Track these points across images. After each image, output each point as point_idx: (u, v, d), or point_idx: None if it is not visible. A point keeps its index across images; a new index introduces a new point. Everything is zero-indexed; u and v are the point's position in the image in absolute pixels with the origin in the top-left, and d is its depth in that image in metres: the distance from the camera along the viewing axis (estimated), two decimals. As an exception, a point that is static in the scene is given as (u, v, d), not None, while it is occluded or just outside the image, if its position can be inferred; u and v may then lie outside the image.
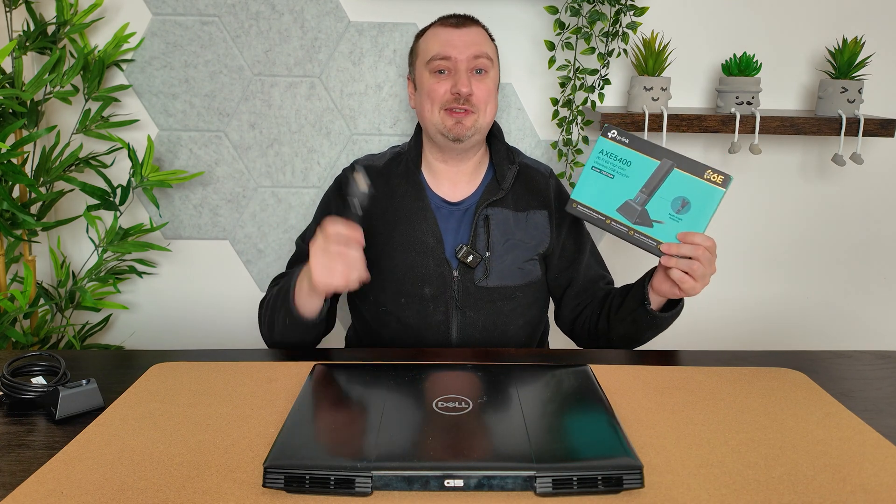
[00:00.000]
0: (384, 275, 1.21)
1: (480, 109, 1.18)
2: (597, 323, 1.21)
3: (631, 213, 1.06)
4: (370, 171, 1.26)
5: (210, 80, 1.56)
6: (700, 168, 1.03)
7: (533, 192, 1.25)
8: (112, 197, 1.48)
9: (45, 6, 1.50)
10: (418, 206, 1.21)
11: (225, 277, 1.68)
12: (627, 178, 1.07)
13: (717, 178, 1.02)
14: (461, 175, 1.26)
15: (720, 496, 0.67)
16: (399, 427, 0.73)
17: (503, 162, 1.25)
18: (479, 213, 1.20)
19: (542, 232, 1.23)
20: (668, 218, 1.05)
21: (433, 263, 1.19)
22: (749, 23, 1.55)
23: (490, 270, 1.19)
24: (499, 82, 1.26)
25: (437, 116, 1.19)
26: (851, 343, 1.74)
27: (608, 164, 1.08)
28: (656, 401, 0.87)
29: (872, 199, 1.66)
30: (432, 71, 1.20)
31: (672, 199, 1.04)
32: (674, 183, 1.04)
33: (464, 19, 1.23)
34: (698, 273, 1.01)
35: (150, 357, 1.01)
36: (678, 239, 1.03)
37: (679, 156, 1.04)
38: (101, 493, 0.67)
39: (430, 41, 1.21)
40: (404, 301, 1.21)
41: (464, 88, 1.16)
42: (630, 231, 1.06)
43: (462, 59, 1.17)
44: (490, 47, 1.23)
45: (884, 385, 0.95)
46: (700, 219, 1.03)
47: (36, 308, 1.46)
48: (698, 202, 1.03)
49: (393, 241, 1.21)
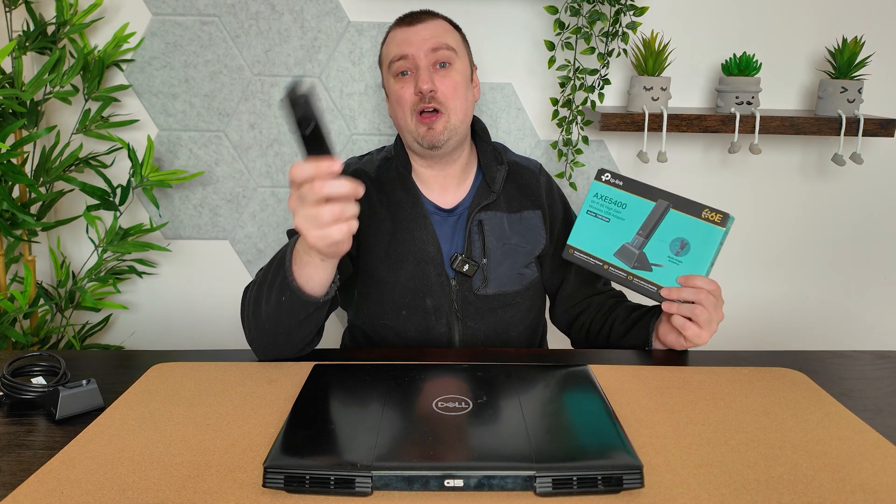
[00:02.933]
0: (383, 287, 1.16)
1: (449, 107, 1.11)
2: (596, 337, 1.19)
3: (629, 258, 1.03)
4: (364, 176, 1.20)
5: (210, 80, 1.56)
6: (697, 208, 1.00)
7: (525, 192, 1.21)
8: (112, 197, 1.48)
9: (44, 6, 1.50)
10: (416, 213, 1.16)
11: (225, 277, 1.68)
12: (623, 220, 1.04)
13: (715, 218, 0.99)
14: (449, 179, 1.21)
15: (720, 496, 0.67)
16: (399, 427, 0.73)
17: (491, 163, 1.21)
18: (473, 219, 1.16)
19: (538, 233, 1.20)
20: (668, 261, 1.01)
21: (434, 273, 1.15)
22: (749, 23, 1.55)
23: (488, 278, 1.16)
24: (471, 73, 1.19)
25: (410, 124, 1.13)
26: (851, 343, 1.74)
27: (603, 207, 1.06)
28: (656, 401, 0.87)
29: (872, 199, 1.66)
30: (395, 74, 1.14)
31: (671, 240, 1.01)
32: (671, 224, 1.01)
33: (419, 15, 1.16)
34: (702, 319, 0.96)
35: (150, 357, 1.01)
36: (679, 283, 0.99)
37: (675, 196, 1.01)
38: (101, 493, 0.67)
39: (389, 44, 1.16)
40: (405, 314, 1.16)
41: (424, 85, 1.09)
42: (629, 276, 1.03)
43: (420, 55, 1.11)
44: (452, 38, 1.15)
45: (884, 385, 0.95)
46: (701, 260, 0.99)
47: (36, 308, 1.46)
48: (698, 243, 1.00)
49: (392, 251, 1.16)
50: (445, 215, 1.19)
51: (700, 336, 0.98)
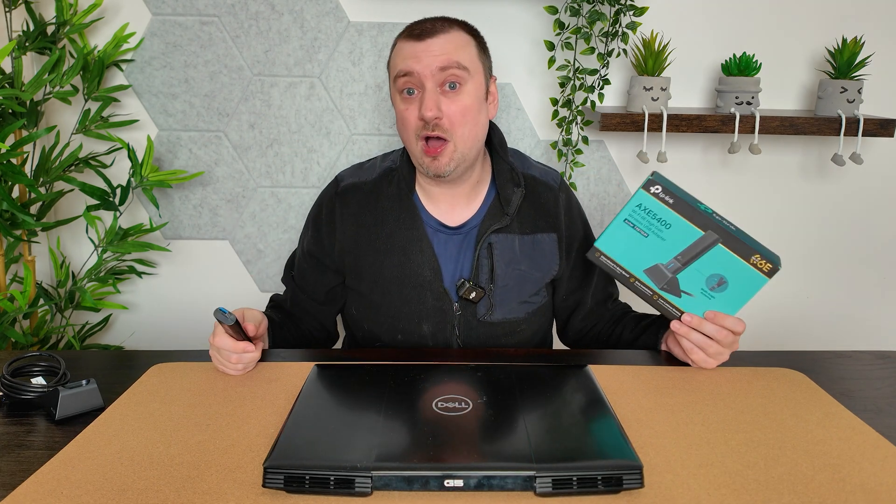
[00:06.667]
0: (378, 310, 1.12)
1: (456, 135, 1.01)
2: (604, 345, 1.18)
3: (660, 278, 0.97)
4: (357, 192, 1.12)
5: (210, 81, 1.56)
6: (748, 250, 0.92)
7: (540, 213, 1.12)
8: (112, 197, 1.48)
9: (44, 6, 1.50)
10: (413, 234, 1.09)
11: (225, 277, 1.68)
12: (663, 240, 0.95)
13: (764, 266, 0.92)
14: (458, 197, 1.11)
15: (720, 496, 0.67)
16: (399, 427, 0.73)
17: (507, 184, 1.11)
18: (482, 242, 1.08)
19: (551, 259, 1.12)
20: (700, 293, 0.96)
21: (431, 298, 1.09)
22: (749, 23, 1.55)
23: (494, 304, 1.09)
24: (486, 90, 1.07)
25: (415, 149, 1.04)
26: (851, 343, 1.74)
27: (644, 220, 0.95)
28: (656, 401, 0.87)
29: (872, 199, 1.66)
30: (400, 91, 1.04)
31: (709, 274, 0.95)
32: (714, 258, 0.94)
33: (430, 26, 1.02)
34: (712, 351, 0.95)
35: (150, 357, 1.01)
36: (707, 317, 0.96)
37: (727, 228, 0.93)
38: (100, 493, 0.67)
39: (396, 57, 1.05)
40: (401, 338, 1.12)
41: (428, 113, 0.99)
42: (655, 296, 0.98)
43: (427, 75, 1.00)
44: (465, 53, 1.02)
45: (884, 385, 0.95)
46: (735, 302, 0.95)
47: (36, 308, 1.46)
48: (737, 285, 0.94)
49: (385, 273, 1.10)
50: (451, 233, 1.11)
51: (706, 362, 0.97)
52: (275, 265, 1.67)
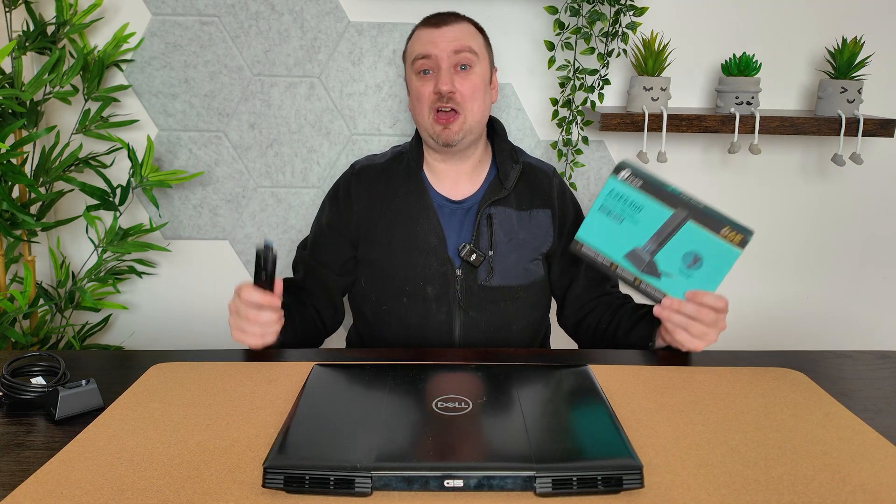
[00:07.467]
0: (385, 275, 1.21)
1: (466, 108, 1.16)
2: (603, 335, 1.20)
3: (638, 262, 1.01)
4: (371, 171, 1.25)
5: (210, 81, 1.56)
6: (717, 224, 0.95)
7: (536, 191, 1.23)
8: (112, 197, 1.48)
9: (44, 6, 1.50)
10: (420, 205, 1.20)
11: (224, 278, 1.68)
12: (637, 224, 0.99)
13: (735, 238, 0.94)
14: (462, 174, 1.24)
15: (720, 496, 0.67)
16: (399, 427, 0.73)
17: (507, 161, 1.23)
18: (482, 212, 1.19)
19: (545, 231, 1.22)
20: (679, 273, 0.99)
21: (436, 263, 1.18)
22: (749, 23, 1.55)
23: (494, 269, 1.18)
24: (490, 76, 1.23)
25: (427, 120, 1.18)
26: (851, 343, 1.74)
27: (617, 206, 1.00)
28: (656, 401, 0.87)
29: (872, 199, 1.66)
30: (417, 72, 1.18)
31: (683, 253, 0.98)
32: (686, 236, 0.97)
33: (445, 17, 1.20)
34: (695, 331, 0.98)
35: (150, 357, 1.01)
36: (686, 297, 0.99)
37: (696, 205, 0.96)
38: (100, 493, 0.67)
39: (414, 42, 1.20)
40: (406, 301, 1.20)
41: (444, 87, 1.14)
42: (636, 280, 1.02)
43: (443, 56, 1.15)
44: (475, 41, 1.19)
45: (884, 385, 0.95)
46: (712, 278, 0.98)
47: (35, 308, 1.46)
48: (712, 261, 0.97)
49: (394, 240, 1.20)
50: (455, 207, 1.22)
51: (691, 343, 1.00)
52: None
